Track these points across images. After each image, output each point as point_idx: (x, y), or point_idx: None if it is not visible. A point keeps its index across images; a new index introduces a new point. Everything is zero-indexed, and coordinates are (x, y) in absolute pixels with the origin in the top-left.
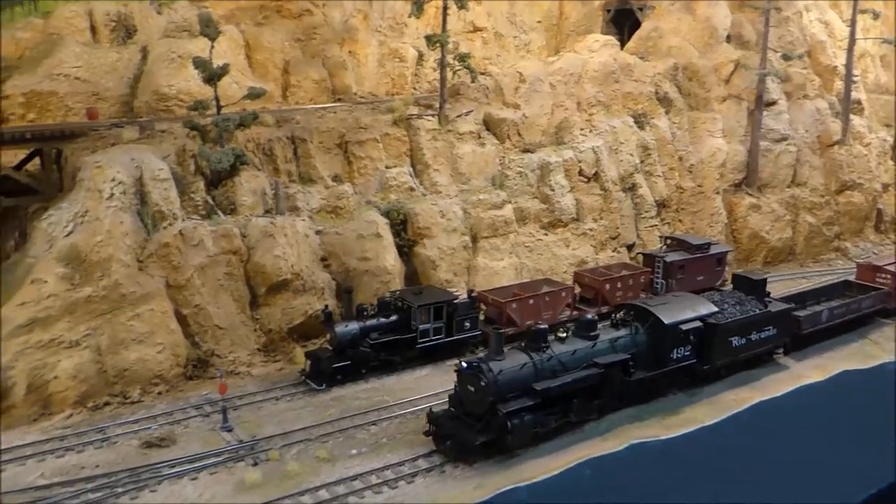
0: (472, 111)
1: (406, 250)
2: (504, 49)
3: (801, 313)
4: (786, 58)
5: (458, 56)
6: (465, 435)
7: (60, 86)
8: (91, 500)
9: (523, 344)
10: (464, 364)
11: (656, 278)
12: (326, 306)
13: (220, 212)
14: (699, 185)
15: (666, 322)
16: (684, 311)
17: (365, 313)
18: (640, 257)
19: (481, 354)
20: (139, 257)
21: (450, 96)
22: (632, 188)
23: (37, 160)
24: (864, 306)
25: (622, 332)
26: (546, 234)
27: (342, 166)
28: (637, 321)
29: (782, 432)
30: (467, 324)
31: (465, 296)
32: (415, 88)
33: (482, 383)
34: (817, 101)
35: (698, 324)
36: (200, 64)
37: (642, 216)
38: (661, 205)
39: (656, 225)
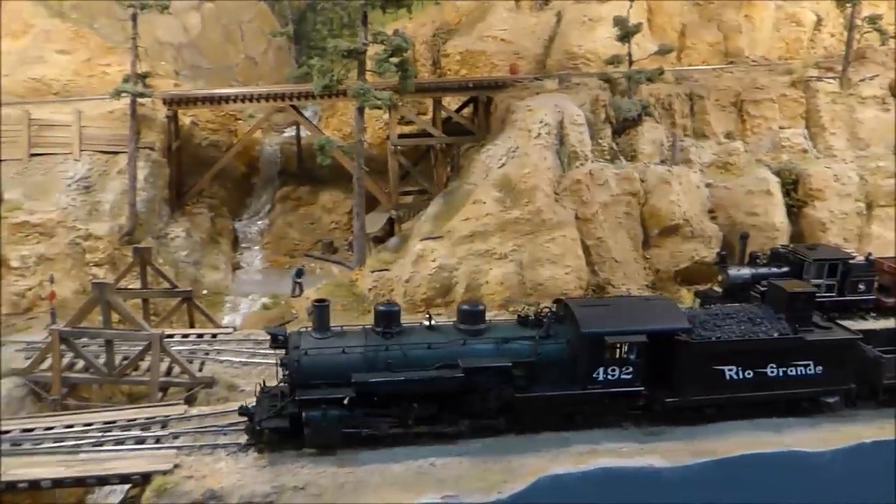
0: (877, 75)
1: (794, 210)
2: None
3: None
4: None
5: (869, 18)
6: (259, 417)
7: (488, 45)
8: None
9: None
10: (269, 330)
11: None
12: (723, 248)
13: (622, 157)
14: None
15: (582, 329)
16: (627, 318)
17: (758, 261)
18: None
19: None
20: (556, 190)
21: (854, 59)
22: None
23: (469, 108)
24: None
25: (526, 332)
26: None
27: (735, 124)
28: (559, 322)
29: None
30: (861, 286)
31: (862, 258)
32: (809, 53)
33: (285, 361)
34: None
35: (642, 338)
36: (619, 22)
37: None
38: None
39: None
